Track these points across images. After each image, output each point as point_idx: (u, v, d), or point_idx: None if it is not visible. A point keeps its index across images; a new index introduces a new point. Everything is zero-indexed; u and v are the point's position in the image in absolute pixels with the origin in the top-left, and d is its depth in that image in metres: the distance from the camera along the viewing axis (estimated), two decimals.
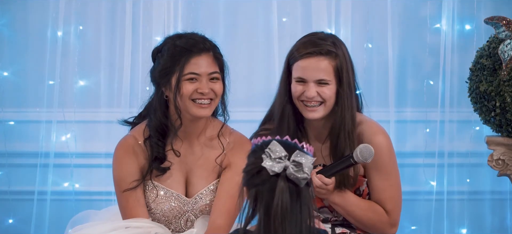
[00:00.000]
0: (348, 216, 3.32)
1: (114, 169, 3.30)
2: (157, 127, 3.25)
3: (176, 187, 3.28)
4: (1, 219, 4.46)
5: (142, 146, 3.28)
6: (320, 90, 3.26)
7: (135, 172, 3.27)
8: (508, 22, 3.80)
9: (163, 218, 3.28)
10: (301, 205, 2.52)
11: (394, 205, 3.35)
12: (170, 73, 3.20)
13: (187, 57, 3.20)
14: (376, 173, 3.33)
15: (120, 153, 3.29)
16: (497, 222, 4.49)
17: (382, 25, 4.40)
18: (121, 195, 3.27)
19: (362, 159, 3.15)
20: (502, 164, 3.93)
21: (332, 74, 3.27)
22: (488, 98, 3.83)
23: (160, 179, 3.28)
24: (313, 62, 3.27)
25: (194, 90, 3.20)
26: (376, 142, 3.30)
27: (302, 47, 3.29)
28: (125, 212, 3.27)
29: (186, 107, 3.22)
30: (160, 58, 3.25)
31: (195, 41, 3.23)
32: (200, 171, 3.30)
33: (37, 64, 4.42)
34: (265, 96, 4.24)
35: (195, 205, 3.28)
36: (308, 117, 3.29)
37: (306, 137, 3.37)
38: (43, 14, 4.39)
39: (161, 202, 3.26)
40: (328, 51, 3.27)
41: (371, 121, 3.39)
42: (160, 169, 3.26)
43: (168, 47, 3.23)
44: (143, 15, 4.37)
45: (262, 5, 4.42)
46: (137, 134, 3.30)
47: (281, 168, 2.51)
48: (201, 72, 3.21)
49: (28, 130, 4.44)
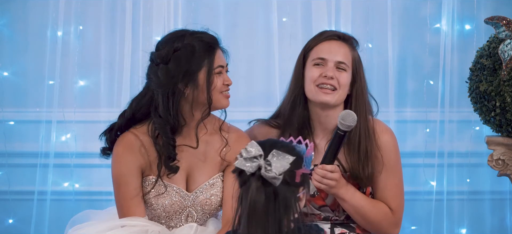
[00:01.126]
0: (355, 213, 3.32)
1: (113, 166, 3.30)
2: (172, 126, 3.24)
3: (177, 182, 3.29)
4: (1, 219, 4.46)
5: (144, 144, 3.27)
6: (338, 75, 3.31)
7: (134, 169, 3.27)
8: (508, 22, 3.80)
9: (164, 213, 3.28)
10: (278, 205, 2.53)
11: (399, 204, 3.37)
12: (196, 70, 3.21)
13: (212, 51, 3.24)
14: (382, 171, 3.34)
15: (120, 150, 3.29)
16: (497, 222, 4.49)
17: (382, 25, 4.40)
18: (118, 192, 3.27)
19: (347, 124, 3.15)
20: (502, 164, 3.93)
21: (350, 62, 3.35)
22: (488, 98, 3.84)
23: (163, 177, 3.28)
24: (335, 45, 3.35)
25: (222, 83, 3.26)
26: (383, 140, 3.35)
27: (323, 33, 3.40)
28: (122, 210, 3.27)
29: (216, 100, 3.25)
30: (180, 58, 3.20)
31: (206, 35, 3.27)
32: (201, 166, 3.31)
33: (37, 64, 4.42)
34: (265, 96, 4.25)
35: (196, 200, 3.28)
36: (322, 99, 3.30)
37: (311, 134, 3.38)
38: (43, 14, 4.39)
39: (162, 197, 3.27)
40: (349, 39, 3.39)
41: (378, 120, 3.42)
42: (173, 168, 3.26)
43: (186, 45, 3.21)
44: (143, 15, 4.37)
45: (262, 5, 4.42)
46: (138, 132, 3.30)
47: (253, 167, 2.53)
48: (224, 64, 3.28)
49: (28, 130, 4.44)
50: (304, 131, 3.36)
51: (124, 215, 3.26)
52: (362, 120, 3.33)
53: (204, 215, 3.32)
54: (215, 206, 3.31)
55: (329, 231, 3.36)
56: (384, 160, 3.33)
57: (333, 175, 3.22)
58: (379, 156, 3.33)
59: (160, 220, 3.30)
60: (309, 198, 3.34)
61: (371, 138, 3.33)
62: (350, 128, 3.16)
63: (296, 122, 3.35)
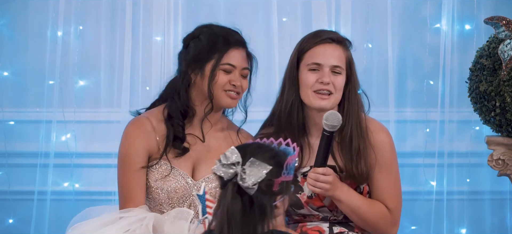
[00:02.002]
0: (353, 214, 3.32)
1: (122, 144, 3.31)
2: (181, 107, 3.31)
3: (184, 169, 3.30)
4: (1, 219, 4.46)
5: (155, 129, 3.29)
6: (334, 79, 3.29)
7: (142, 151, 3.28)
8: (508, 22, 3.80)
9: (167, 199, 3.29)
10: (254, 212, 2.54)
11: (397, 203, 3.36)
12: (205, 60, 3.28)
13: (226, 48, 3.28)
14: (379, 171, 3.34)
15: (131, 129, 3.31)
16: (496, 222, 4.49)
17: (382, 25, 4.40)
18: (122, 171, 3.29)
19: (331, 124, 3.14)
20: (502, 164, 3.93)
21: (344, 64, 3.33)
22: (488, 98, 3.84)
23: (170, 159, 3.30)
24: (330, 48, 3.32)
25: (227, 82, 3.28)
26: (379, 139, 3.34)
27: (317, 35, 3.36)
28: (123, 191, 3.28)
29: (217, 96, 3.28)
30: (197, 43, 3.30)
31: (232, 32, 3.32)
32: (209, 159, 3.32)
33: (37, 64, 4.42)
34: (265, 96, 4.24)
35: (201, 189, 3.29)
36: (319, 105, 3.29)
37: (307, 134, 3.37)
38: (43, 14, 4.39)
39: (168, 180, 3.27)
40: (342, 40, 3.35)
41: (373, 119, 3.41)
42: (182, 148, 3.29)
43: (207, 35, 3.30)
44: (143, 15, 4.37)
45: (262, 5, 4.43)
46: (152, 116, 3.33)
47: (230, 174, 2.54)
48: (237, 65, 3.30)
49: (28, 130, 4.45)
50: (299, 132, 3.35)
51: (124, 195, 3.27)
52: (354, 117, 3.32)
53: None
54: None
55: (328, 230, 3.36)
56: (380, 159, 3.32)
57: (326, 177, 3.21)
58: (373, 153, 3.32)
59: (162, 209, 3.30)
60: (307, 200, 3.34)
61: (363, 135, 3.32)
62: (335, 128, 3.16)
63: (292, 125, 3.34)
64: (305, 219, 3.38)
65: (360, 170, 3.30)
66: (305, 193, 3.33)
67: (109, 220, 3.23)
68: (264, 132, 3.41)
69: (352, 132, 3.31)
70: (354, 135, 3.30)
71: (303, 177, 3.33)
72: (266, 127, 3.44)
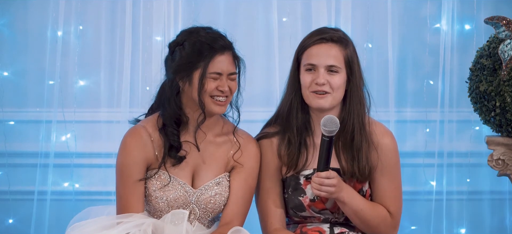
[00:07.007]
0: (354, 216, 3.32)
1: (119, 154, 3.29)
2: (172, 116, 3.28)
3: (183, 177, 3.30)
4: (1, 219, 4.46)
5: (152, 138, 3.28)
6: (330, 79, 3.27)
7: (140, 162, 3.27)
8: (508, 22, 3.80)
9: (167, 208, 3.29)
10: None
11: (398, 207, 3.36)
12: (192, 68, 3.24)
13: (211, 55, 3.24)
14: (381, 175, 3.34)
15: (129, 140, 3.30)
16: (496, 222, 4.49)
17: (382, 25, 4.40)
18: (120, 181, 3.28)
19: (328, 129, 3.14)
20: (502, 164, 3.94)
21: (342, 62, 3.29)
22: (488, 98, 3.84)
23: (169, 168, 3.29)
24: (324, 48, 3.29)
25: (215, 88, 3.25)
26: (384, 143, 3.33)
27: (313, 35, 3.33)
28: (121, 201, 3.27)
29: (206, 103, 3.25)
30: (181, 51, 3.26)
31: (216, 37, 3.27)
32: (208, 166, 3.32)
33: (37, 64, 4.43)
34: (265, 96, 4.26)
35: (200, 197, 3.29)
36: (317, 104, 3.28)
37: (311, 134, 3.37)
38: (43, 14, 4.39)
39: (167, 189, 3.27)
40: (339, 39, 3.30)
41: (378, 122, 3.40)
42: (177, 157, 3.28)
43: (191, 42, 3.25)
44: (143, 15, 4.38)
45: (262, 5, 4.43)
46: (148, 125, 3.32)
47: None
48: (224, 71, 3.26)
49: (28, 130, 4.45)
50: (303, 132, 3.35)
51: (122, 206, 3.27)
52: (355, 114, 3.32)
53: (206, 213, 3.32)
54: (219, 206, 3.31)
55: (328, 230, 3.36)
56: (384, 163, 3.31)
57: (330, 181, 3.21)
58: (376, 154, 3.32)
59: (162, 216, 3.30)
60: (310, 203, 3.34)
61: (365, 132, 3.31)
62: (333, 132, 3.15)
63: (296, 124, 3.34)
64: (306, 220, 3.38)
65: (362, 167, 3.30)
66: (308, 196, 3.32)
67: (108, 224, 3.23)
68: (268, 130, 3.41)
69: (354, 128, 3.30)
70: (356, 131, 3.30)
71: (305, 179, 3.33)
72: (270, 126, 3.44)
